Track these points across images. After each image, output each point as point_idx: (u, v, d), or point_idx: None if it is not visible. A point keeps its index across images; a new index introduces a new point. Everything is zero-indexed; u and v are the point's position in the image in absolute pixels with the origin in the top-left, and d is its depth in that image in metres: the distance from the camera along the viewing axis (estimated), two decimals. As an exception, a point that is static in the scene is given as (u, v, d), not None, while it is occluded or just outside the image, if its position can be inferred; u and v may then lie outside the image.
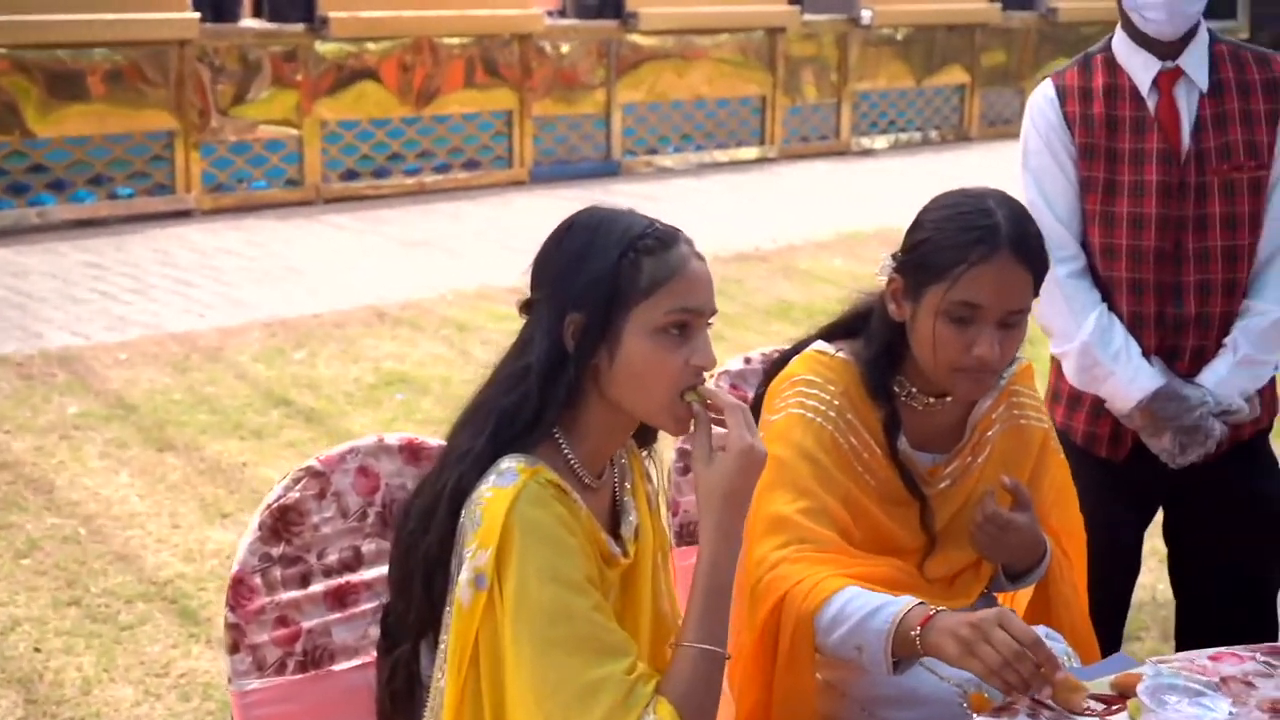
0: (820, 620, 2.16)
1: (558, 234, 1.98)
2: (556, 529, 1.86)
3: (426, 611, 1.94)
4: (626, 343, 1.89)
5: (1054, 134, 2.89)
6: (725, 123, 12.80)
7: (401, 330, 7.16)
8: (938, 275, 2.23)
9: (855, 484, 2.34)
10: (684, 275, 1.92)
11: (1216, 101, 2.85)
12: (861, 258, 9.05)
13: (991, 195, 2.30)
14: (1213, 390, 2.81)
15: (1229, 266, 2.84)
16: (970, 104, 14.59)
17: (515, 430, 1.90)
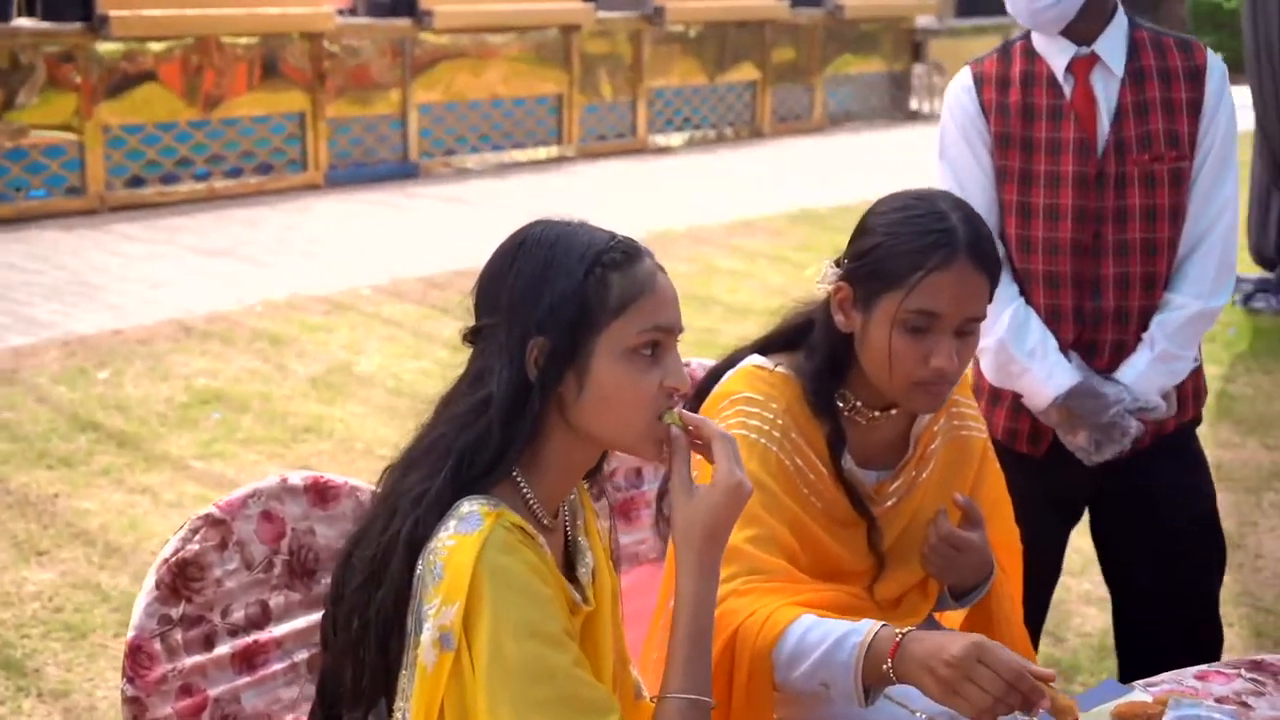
0: (778, 656, 2.01)
1: (507, 252, 1.78)
2: (529, 578, 1.66)
3: (382, 676, 1.72)
4: (597, 367, 1.72)
5: (970, 123, 2.80)
6: (523, 122, 12.61)
7: (211, 345, 6.79)
8: (893, 283, 2.10)
9: (802, 507, 2.19)
10: (654, 291, 1.75)
11: (1137, 89, 2.75)
12: (675, 256, 8.96)
13: (942, 197, 2.18)
14: (1130, 386, 2.74)
15: (1148, 260, 2.76)
16: (762, 100, 14.68)
17: (476, 470, 1.71)
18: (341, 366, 6.52)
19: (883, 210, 2.18)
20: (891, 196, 2.21)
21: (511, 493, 1.74)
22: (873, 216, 2.19)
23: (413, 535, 1.68)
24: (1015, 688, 1.82)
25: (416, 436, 1.78)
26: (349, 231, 9.61)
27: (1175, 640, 2.85)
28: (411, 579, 1.68)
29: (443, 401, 1.80)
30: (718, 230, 9.82)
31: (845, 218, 10.42)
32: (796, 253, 9.21)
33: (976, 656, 1.83)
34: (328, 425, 5.77)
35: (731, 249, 9.31)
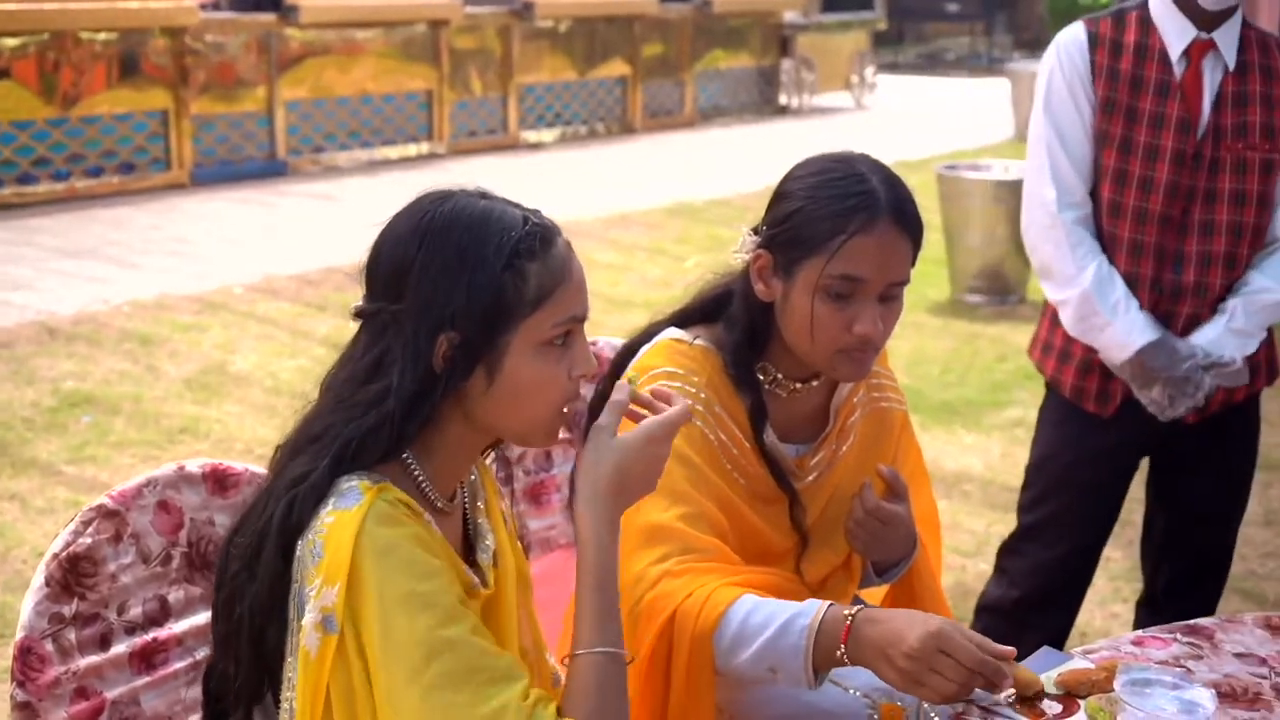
0: (720, 641, 1.94)
1: (412, 233, 1.64)
2: (414, 550, 1.56)
3: (257, 673, 1.62)
4: (510, 362, 1.63)
5: (1079, 80, 2.87)
6: (392, 119, 12.42)
7: (78, 347, 6.55)
8: (813, 248, 2.03)
9: (727, 484, 2.13)
10: (570, 279, 1.67)
11: (1240, 80, 2.85)
12: (554, 251, 8.88)
13: (861, 160, 2.12)
14: (1203, 346, 2.83)
15: (1232, 241, 2.85)
16: (633, 96, 14.63)
17: (365, 460, 1.61)
18: (216, 366, 6.33)
19: (801, 175, 2.12)
20: (809, 161, 2.15)
21: (400, 473, 1.65)
22: (790, 181, 2.12)
23: (285, 522, 1.58)
24: (979, 673, 1.77)
25: (304, 419, 1.67)
26: (218, 230, 9.37)
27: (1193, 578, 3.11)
28: (287, 566, 1.58)
29: (327, 384, 1.68)
30: (595, 224, 9.74)
31: (721, 211, 10.46)
32: (674, 245, 9.17)
33: (937, 647, 1.77)
34: (204, 426, 5.59)
35: (609, 243, 9.24)
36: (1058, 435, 3.03)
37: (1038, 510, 3.06)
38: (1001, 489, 5.13)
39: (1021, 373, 6.60)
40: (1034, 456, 3.09)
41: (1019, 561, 3.08)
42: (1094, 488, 3.03)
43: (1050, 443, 3.05)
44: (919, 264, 5.34)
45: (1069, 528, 3.05)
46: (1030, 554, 3.07)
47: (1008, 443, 5.66)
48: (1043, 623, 3.09)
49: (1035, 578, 3.06)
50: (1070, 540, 3.06)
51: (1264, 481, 4.78)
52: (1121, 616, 4.11)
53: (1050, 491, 3.04)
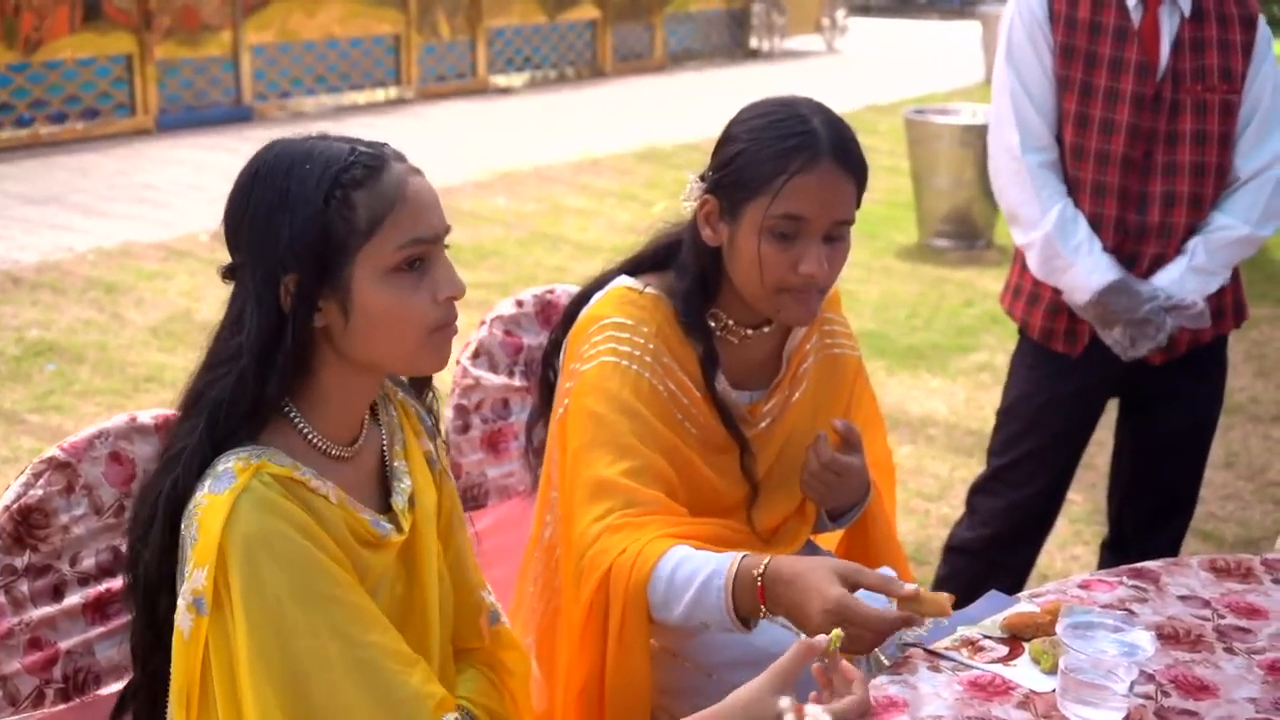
0: (653, 596, 1.96)
1: (243, 184, 1.64)
2: (287, 535, 1.57)
3: (151, 640, 1.65)
4: (359, 293, 1.62)
5: (1038, 28, 2.91)
6: (359, 63, 12.33)
7: (42, 295, 6.52)
8: (757, 189, 2.04)
9: (677, 434, 2.13)
10: (407, 201, 1.63)
11: (1196, 26, 2.89)
12: (523, 196, 8.87)
13: (803, 103, 2.12)
14: (1165, 288, 2.87)
15: (1196, 181, 2.89)
16: (603, 39, 14.55)
17: (234, 420, 1.61)
18: (182, 314, 6.30)
19: (744, 119, 2.12)
20: (752, 105, 2.15)
21: (286, 431, 1.66)
22: (735, 125, 2.13)
23: (171, 495, 1.60)
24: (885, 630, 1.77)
25: (187, 385, 1.68)
26: (183, 177, 9.30)
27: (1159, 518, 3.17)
28: (174, 539, 1.60)
29: (209, 349, 1.68)
30: (565, 169, 9.72)
31: (690, 155, 10.43)
32: (644, 190, 9.16)
33: (839, 619, 1.73)
34: (170, 374, 5.57)
35: (579, 188, 9.21)
36: (1029, 378, 3.07)
37: (1009, 452, 3.11)
38: (966, 433, 5.17)
39: (988, 317, 6.63)
40: (1005, 399, 3.14)
41: (990, 501, 3.13)
42: (1064, 429, 3.08)
43: (1021, 385, 3.09)
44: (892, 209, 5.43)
45: (1039, 468, 3.10)
46: (1001, 494, 3.12)
47: (973, 387, 5.69)
48: (1009, 562, 3.15)
49: (1005, 517, 3.12)
50: (1040, 480, 3.11)
51: (1225, 425, 4.81)
52: (1082, 559, 4.15)
53: (1021, 433, 3.08)
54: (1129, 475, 3.17)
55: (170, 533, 1.59)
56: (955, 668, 1.73)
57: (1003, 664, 1.73)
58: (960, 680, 1.70)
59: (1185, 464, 3.12)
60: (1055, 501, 3.18)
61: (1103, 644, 1.61)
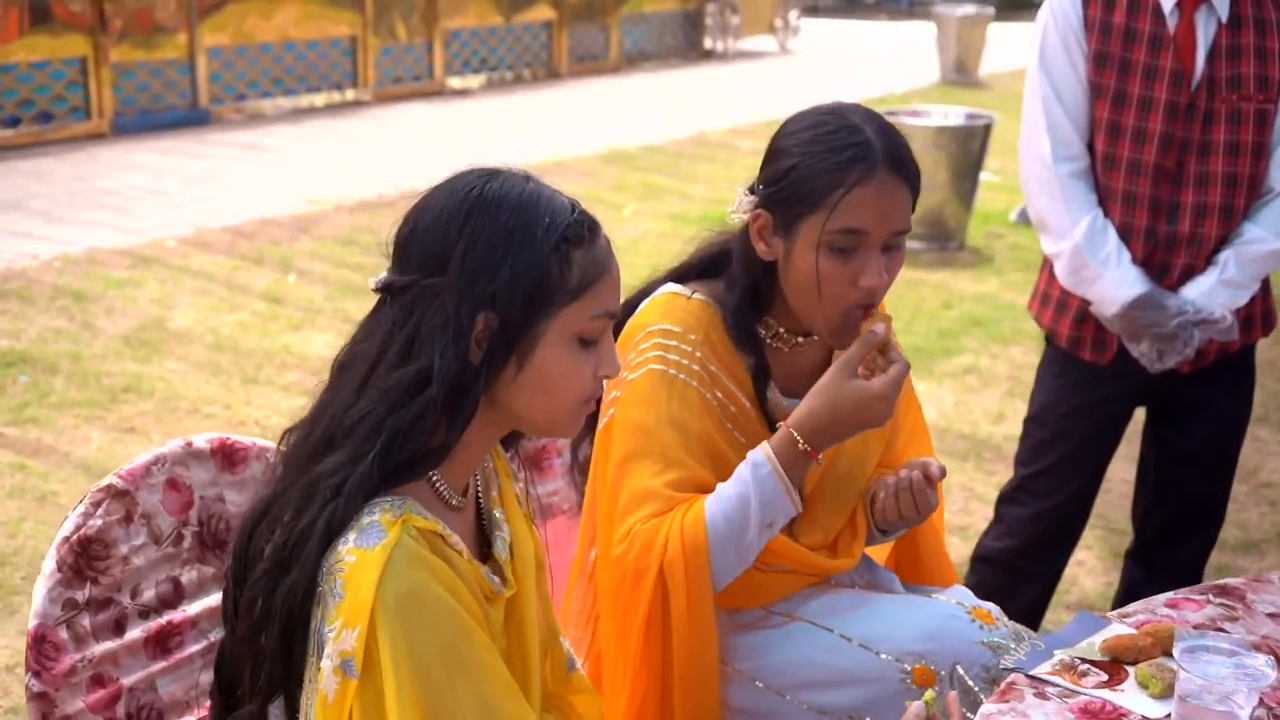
0: (714, 539, 1.98)
1: (458, 207, 1.57)
2: (439, 597, 1.51)
3: (282, 673, 1.56)
4: (542, 351, 1.58)
5: (1072, 33, 2.87)
6: (316, 65, 12.19)
7: (9, 304, 6.38)
8: (813, 205, 2.00)
9: (726, 444, 2.10)
10: (610, 274, 1.63)
11: (1233, 33, 2.84)
12: (490, 200, 8.76)
13: (853, 110, 2.08)
14: (1194, 301, 2.84)
15: (1228, 191, 2.85)
16: (558, 40, 14.47)
17: (406, 454, 1.54)
18: (154, 322, 6.19)
19: (793, 130, 2.08)
20: (800, 115, 2.11)
21: (419, 480, 1.59)
22: (784, 138, 2.08)
23: (330, 525, 1.51)
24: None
25: (321, 403, 1.60)
26: (143, 181, 9.15)
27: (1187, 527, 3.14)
28: (320, 568, 1.51)
29: (343, 362, 1.61)
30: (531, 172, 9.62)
31: (654, 158, 10.39)
32: (612, 194, 9.09)
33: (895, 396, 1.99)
34: (147, 384, 5.46)
35: (546, 191, 9.13)
36: (1055, 386, 3.04)
37: (1036, 461, 3.08)
38: (958, 438, 5.15)
39: (968, 319, 6.62)
40: (1033, 408, 3.11)
41: (1017, 510, 3.10)
42: (1091, 437, 3.06)
43: (1048, 393, 3.06)
44: None
45: (1066, 477, 3.07)
46: (1028, 504, 3.09)
47: (961, 391, 5.68)
48: (1037, 571, 3.13)
49: (1032, 527, 3.09)
50: (1067, 489, 3.08)
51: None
52: (1086, 563, 4.14)
53: (1048, 442, 3.05)
54: (1155, 485, 3.14)
55: (319, 563, 1.51)
56: (1062, 694, 1.69)
57: (1109, 689, 1.69)
58: (1071, 707, 1.66)
59: (1214, 473, 3.11)
60: (1083, 510, 3.15)
61: (1219, 669, 1.57)
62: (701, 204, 8.90)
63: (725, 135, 11.17)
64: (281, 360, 5.82)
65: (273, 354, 5.89)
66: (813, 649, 2.00)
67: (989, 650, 1.96)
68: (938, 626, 2.00)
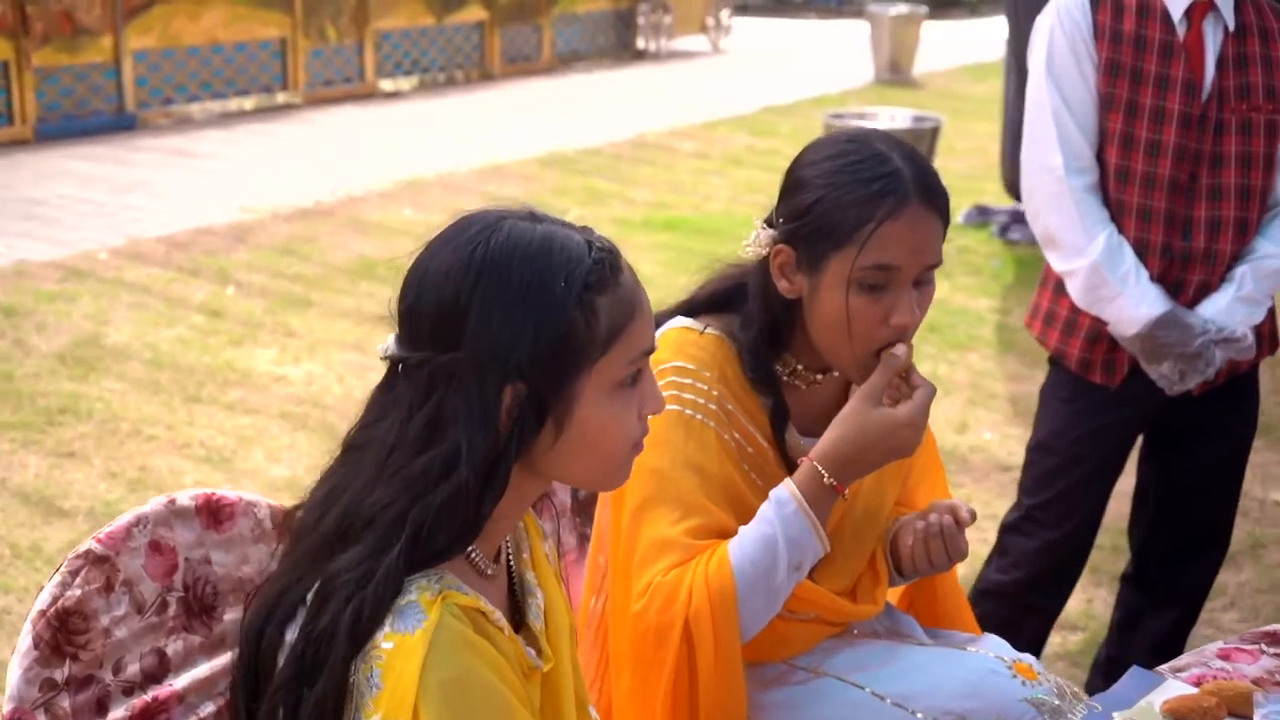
0: (741, 586, 1.86)
1: (466, 267, 1.41)
2: (487, 680, 1.37)
3: None
4: (581, 409, 1.44)
5: (1081, 41, 2.77)
6: (245, 68, 11.94)
7: (-64, 321, 6.15)
8: (841, 240, 1.88)
9: (746, 486, 1.98)
10: (642, 310, 1.48)
11: (1239, 42, 2.77)
12: (430, 206, 8.62)
13: (878, 137, 1.96)
14: (1213, 319, 2.75)
15: (1241, 205, 2.77)
16: (490, 41, 14.29)
17: (436, 545, 1.39)
18: (89, 339, 5.97)
19: (815, 160, 1.95)
20: (820, 143, 1.99)
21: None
22: (805, 169, 1.95)
23: (356, 626, 1.35)
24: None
25: (338, 490, 1.44)
26: (69, 190, 8.89)
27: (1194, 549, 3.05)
28: (349, 674, 1.36)
29: (356, 443, 1.47)
30: (469, 177, 9.48)
31: (594, 161, 10.26)
32: (553, 198, 8.95)
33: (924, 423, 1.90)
34: (85, 405, 5.26)
35: (487, 196, 8.96)
36: (1064, 411, 2.93)
37: (1043, 490, 2.97)
38: (924, 449, 5.05)
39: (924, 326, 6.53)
40: (1039, 434, 2.99)
41: (1024, 541, 2.98)
42: (1101, 464, 2.96)
43: (1056, 419, 2.95)
44: None
45: (1075, 505, 2.97)
46: (1035, 534, 2.97)
47: (921, 400, 5.58)
48: (1043, 604, 3.02)
49: (1040, 558, 2.98)
50: (1076, 518, 2.98)
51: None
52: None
53: (1057, 470, 2.95)
54: (1158, 509, 3.05)
55: (347, 667, 1.35)
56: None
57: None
58: (1143, 778, 1.56)
59: (1223, 494, 3.03)
60: (1090, 539, 3.05)
61: (1303, 737, 1.48)
62: (644, 208, 8.78)
63: (664, 137, 11.05)
64: (224, 377, 5.63)
65: (215, 371, 5.70)
66: (843, 707, 1.89)
67: (1033, 708, 1.85)
68: (977, 682, 1.88)
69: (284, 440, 5.02)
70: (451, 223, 1.49)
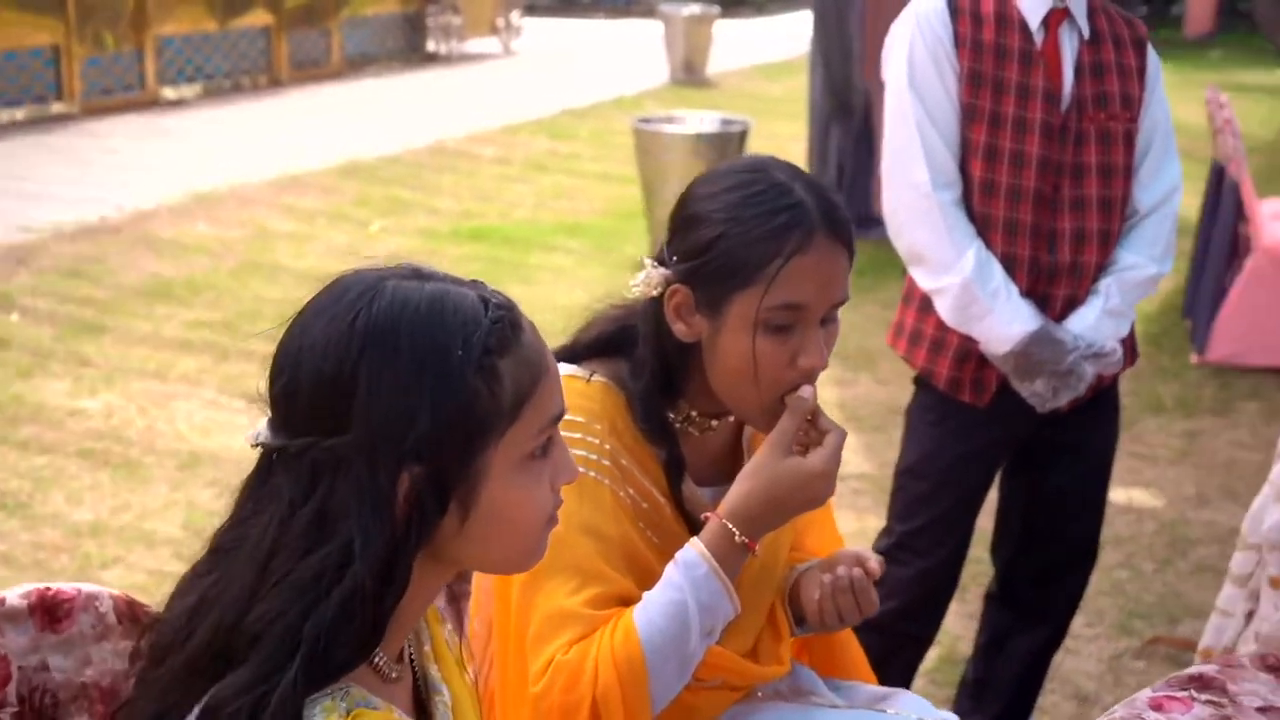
0: (650, 658, 1.70)
1: (347, 339, 1.23)
2: None
3: None
4: (488, 488, 1.27)
5: (943, 52, 2.68)
6: (16, 78, 11.33)
7: None
8: (746, 280, 1.75)
9: (645, 547, 1.83)
10: (549, 371, 1.32)
11: (1094, 50, 2.73)
12: (225, 221, 8.27)
13: (774, 165, 1.83)
14: (1082, 334, 2.68)
15: (1104, 216, 2.72)
16: (277, 46, 13.86)
17: (338, 659, 1.21)
18: None
19: (711, 192, 1.81)
20: (714, 174, 1.85)
21: None
22: (700, 202, 1.81)
23: None
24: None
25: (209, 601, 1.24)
26: None
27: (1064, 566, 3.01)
28: None
29: (224, 545, 1.27)
30: (264, 189, 9.12)
31: (394, 169, 9.98)
32: (355, 209, 8.68)
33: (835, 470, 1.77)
34: None
35: (284, 209, 8.65)
36: (933, 435, 2.83)
37: (916, 516, 2.87)
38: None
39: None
40: (907, 459, 2.89)
41: (899, 571, 2.85)
42: (973, 486, 2.89)
43: (928, 443, 2.85)
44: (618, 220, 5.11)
45: (949, 530, 2.89)
46: (909, 563, 2.86)
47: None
48: (916, 631, 2.94)
49: (916, 587, 2.88)
50: (950, 543, 2.90)
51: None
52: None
53: (929, 494, 2.85)
54: (1024, 530, 2.98)
55: None
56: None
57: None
58: None
59: (1091, 508, 2.98)
60: (961, 563, 2.97)
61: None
62: (450, 218, 8.56)
63: (464, 143, 10.82)
64: (13, 413, 5.26)
65: (2, 406, 5.32)
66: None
67: (963, 775, 1.74)
68: (900, 749, 1.77)
69: (85, 480, 4.69)
70: (324, 288, 1.30)
